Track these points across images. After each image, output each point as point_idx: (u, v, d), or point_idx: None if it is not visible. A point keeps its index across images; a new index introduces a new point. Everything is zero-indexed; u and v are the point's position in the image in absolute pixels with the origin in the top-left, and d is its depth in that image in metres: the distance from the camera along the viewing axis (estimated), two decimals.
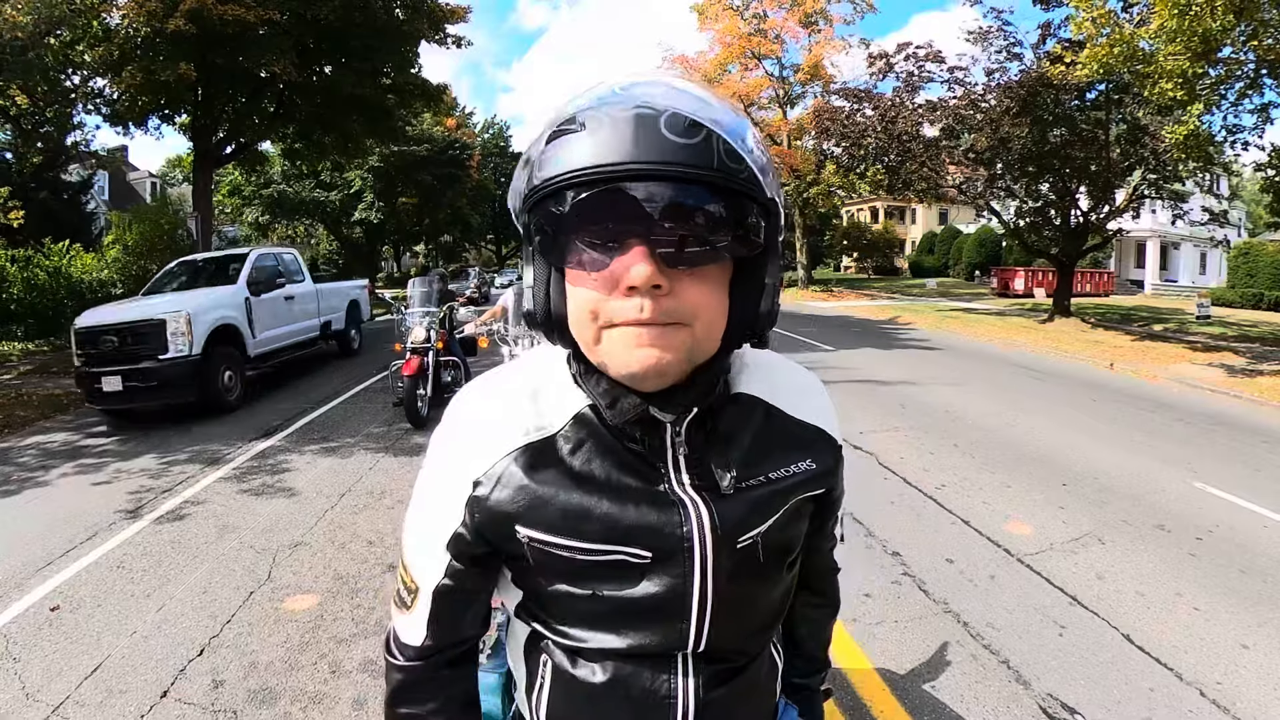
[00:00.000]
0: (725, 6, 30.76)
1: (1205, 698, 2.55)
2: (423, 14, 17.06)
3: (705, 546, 0.72)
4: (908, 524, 4.17)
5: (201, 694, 2.59)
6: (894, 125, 17.76)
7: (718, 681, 0.79)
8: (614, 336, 0.64)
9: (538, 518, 0.71)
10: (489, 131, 50.72)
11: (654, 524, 0.72)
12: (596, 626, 0.75)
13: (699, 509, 0.73)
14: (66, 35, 13.85)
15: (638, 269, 0.60)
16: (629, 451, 0.73)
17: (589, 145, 0.59)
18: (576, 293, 0.65)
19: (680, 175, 0.59)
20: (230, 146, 18.51)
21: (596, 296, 0.63)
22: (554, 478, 0.72)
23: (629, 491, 0.72)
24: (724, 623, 0.75)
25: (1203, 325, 16.71)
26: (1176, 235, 30.39)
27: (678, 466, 0.74)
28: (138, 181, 32.51)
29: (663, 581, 0.72)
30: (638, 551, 0.71)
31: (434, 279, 7.35)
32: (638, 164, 0.58)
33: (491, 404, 0.77)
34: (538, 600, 0.78)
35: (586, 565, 0.72)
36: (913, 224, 47.81)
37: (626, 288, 0.61)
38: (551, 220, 0.63)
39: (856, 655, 2.81)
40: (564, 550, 0.72)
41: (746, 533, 0.74)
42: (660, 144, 0.59)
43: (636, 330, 0.63)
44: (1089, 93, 15.69)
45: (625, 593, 0.73)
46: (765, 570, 0.77)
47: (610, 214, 0.60)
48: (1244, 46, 9.34)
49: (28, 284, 13.72)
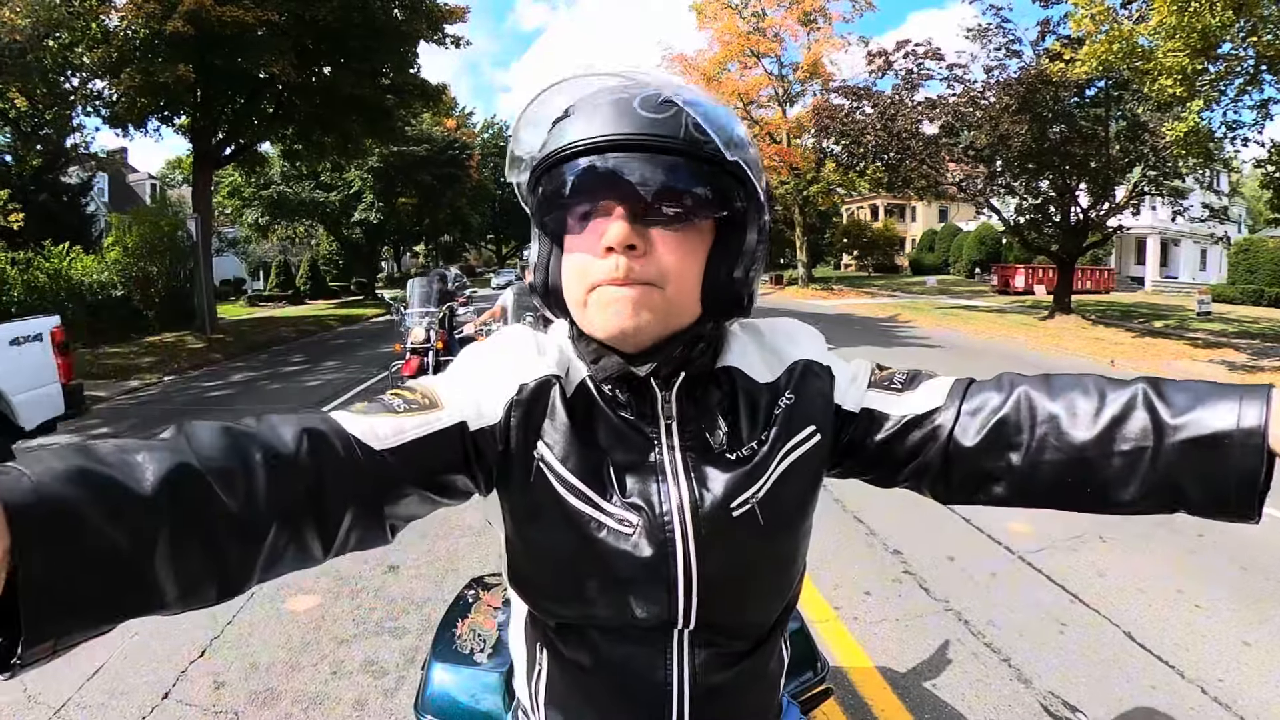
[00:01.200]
0: (724, 5, 30.73)
1: (1207, 695, 2.55)
2: (421, 14, 17.05)
3: (684, 516, 0.72)
4: (909, 522, 4.17)
5: (203, 695, 2.59)
6: (893, 123, 17.75)
7: (718, 666, 0.78)
8: (595, 298, 0.70)
9: (554, 441, 0.73)
10: (488, 131, 50.71)
11: (640, 492, 0.73)
12: (580, 593, 0.75)
13: (679, 479, 0.73)
14: (65, 37, 13.84)
15: (615, 227, 0.66)
16: (622, 420, 0.75)
17: (577, 125, 0.68)
18: (570, 259, 0.72)
19: (651, 145, 0.66)
20: (230, 148, 18.52)
21: (585, 259, 0.70)
22: (574, 421, 0.74)
23: (622, 457, 0.74)
24: (717, 596, 0.74)
25: (1203, 322, 16.71)
26: (1176, 232, 30.38)
27: (669, 433, 0.75)
28: (137, 183, 32.52)
29: (645, 550, 0.72)
30: (626, 517, 0.72)
31: (433, 279, 7.36)
32: (615, 135, 0.65)
33: (540, 336, 0.81)
34: (525, 557, 0.78)
35: (577, 514, 0.72)
36: (913, 222, 47.78)
37: (604, 248, 0.67)
38: (547, 195, 0.72)
39: (857, 653, 2.81)
40: (563, 485, 0.72)
41: (738, 498, 0.73)
42: (634, 118, 0.66)
43: (614, 291, 0.68)
44: (1088, 89, 15.68)
45: (609, 556, 0.72)
46: (768, 533, 0.75)
47: (593, 182, 0.68)
48: (1243, 43, 9.33)
49: (28, 286, 13.75)
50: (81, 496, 0.46)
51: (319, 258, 37.91)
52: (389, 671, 2.72)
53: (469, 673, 1.24)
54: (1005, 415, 0.73)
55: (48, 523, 0.44)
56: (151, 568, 0.49)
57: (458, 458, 0.71)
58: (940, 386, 0.79)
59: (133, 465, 0.50)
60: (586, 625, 0.76)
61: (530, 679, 0.84)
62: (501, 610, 1.39)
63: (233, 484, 0.54)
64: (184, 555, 0.50)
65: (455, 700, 1.21)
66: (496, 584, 1.50)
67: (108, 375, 10.42)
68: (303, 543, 0.59)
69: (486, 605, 1.43)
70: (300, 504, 0.58)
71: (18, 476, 0.44)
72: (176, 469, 0.51)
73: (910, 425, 0.78)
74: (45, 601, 0.44)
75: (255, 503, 0.55)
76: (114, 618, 0.48)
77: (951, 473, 0.76)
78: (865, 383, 0.83)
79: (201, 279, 15.58)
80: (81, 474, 0.47)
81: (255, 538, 0.55)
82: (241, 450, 0.56)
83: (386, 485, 0.66)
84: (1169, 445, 0.65)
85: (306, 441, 0.60)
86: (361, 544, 0.66)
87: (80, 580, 0.45)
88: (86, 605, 0.46)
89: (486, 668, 1.25)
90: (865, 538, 3.97)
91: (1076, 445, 0.69)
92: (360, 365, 11.06)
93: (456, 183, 35.62)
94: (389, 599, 3.32)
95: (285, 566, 0.59)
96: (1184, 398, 0.66)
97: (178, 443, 0.54)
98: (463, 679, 1.23)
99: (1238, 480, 0.62)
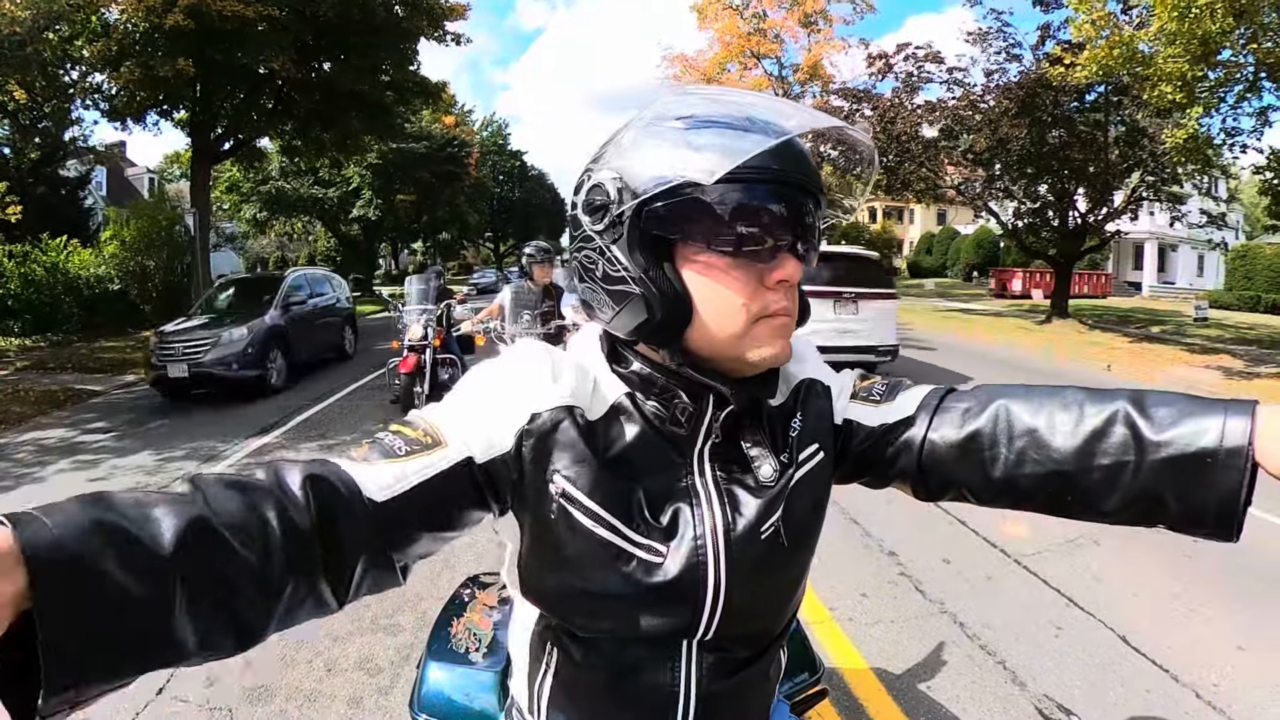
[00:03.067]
0: (725, 6, 30.74)
1: (1201, 699, 2.55)
2: (422, 11, 17.00)
3: (718, 540, 0.72)
4: (904, 524, 4.17)
5: (197, 691, 2.59)
6: (893, 125, 17.74)
7: (725, 671, 0.78)
8: (765, 327, 0.70)
9: (576, 474, 0.71)
10: (488, 129, 50.64)
11: (673, 517, 0.73)
12: (601, 612, 0.74)
13: (713, 503, 0.73)
14: (65, 30, 13.79)
15: (793, 265, 0.69)
16: (663, 441, 0.74)
17: (785, 154, 0.66)
18: (722, 282, 0.69)
19: (817, 191, 0.70)
20: (228, 143, 18.45)
21: (750, 288, 0.69)
22: (596, 451, 0.72)
23: (653, 482, 0.73)
24: (738, 612, 0.75)
25: (1200, 328, 16.75)
26: (1174, 237, 30.45)
27: (701, 457, 0.75)
28: (135, 177, 32.40)
29: (674, 574, 0.72)
30: (655, 546, 0.72)
31: (431, 276, 7.35)
32: (804, 176, 0.68)
33: (557, 358, 0.76)
34: (543, 577, 0.77)
35: (602, 544, 0.71)
36: (911, 224, 47.83)
37: (777, 280, 0.68)
38: (699, 209, 0.67)
39: (852, 655, 2.81)
40: (588, 516, 0.70)
41: (766, 520, 0.74)
42: (806, 161, 0.69)
43: (782, 321, 0.71)
44: (1088, 94, 15.71)
45: (636, 582, 0.72)
46: (790, 551, 0.77)
47: (792, 216, 0.68)
48: (1243, 49, 9.35)
49: (25, 279, 13.70)
50: (103, 550, 0.46)
51: (317, 254, 37.86)
52: (383, 669, 2.72)
53: (464, 672, 1.24)
54: (979, 428, 0.74)
55: (70, 574, 0.44)
56: (170, 621, 0.49)
57: (467, 492, 0.70)
58: (915, 397, 0.81)
59: (152, 520, 0.50)
60: (602, 634, 0.76)
61: (533, 681, 0.84)
62: (497, 609, 1.39)
63: (249, 540, 0.54)
64: (202, 609, 0.51)
65: (450, 699, 1.21)
66: (492, 583, 1.50)
67: (104, 369, 10.39)
68: (318, 595, 0.60)
69: (482, 604, 1.43)
70: (314, 558, 0.59)
71: (40, 526, 0.45)
72: (193, 524, 0.51)
73: (885, 435, 0.80)
74: (66, 653, 0.44)
75: (271, 558, 0.55)
76: (133, 669, 0.48)
77: (928, 480, 0.79)
78: (849, 394, 0.84)
79: (199, 274, 15.54)
80: (102, 527, 0.47)
81: (272, 592, 0.56)
82: (255, 506, 0.56)
83: (393, 533, 0.65)
84: (1150, 462, 0.65)
85: (315, 495, 0.60)
86: (375, 588, 0.66)
87: (101, 632, 0.46)
88: (106, 657, 0.46)
89: (482, 667, 1.24)
90: (861, 539, 3.97)
91: (1055, 459, 0.70)
92: (357, 362, 11.03)
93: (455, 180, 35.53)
94: (383, 596, 3.30)
95: (303, 617, 0.60)
96: (1166, 413, 0.66)
97: (194, 498, 0.54)
98: (458, 678, 1.23)
99: (1218, 499, 0.62)
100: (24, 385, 9.00)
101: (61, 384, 9.05)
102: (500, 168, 49.38)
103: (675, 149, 0.66)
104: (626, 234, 0.68)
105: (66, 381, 9.36)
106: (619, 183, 0.68)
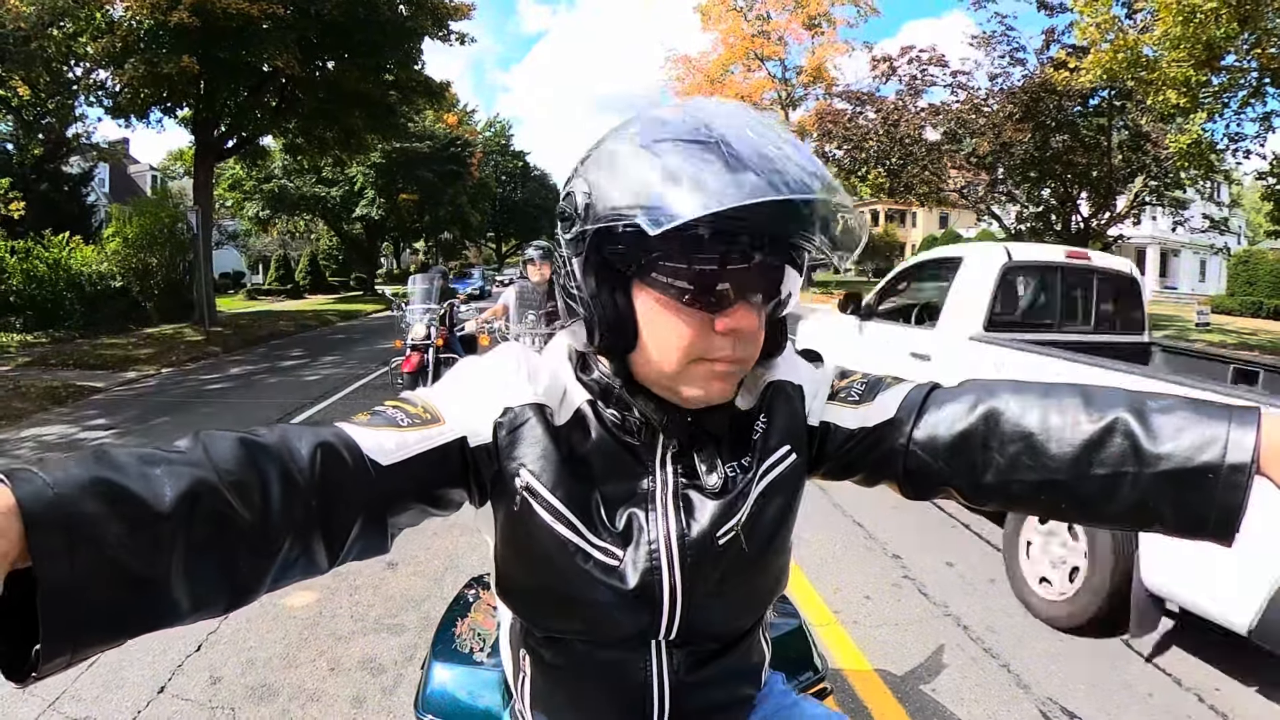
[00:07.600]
0: (729, 8, 30.78)
1: (1204, 704, 2.55)
2: (426, 10, 17.00)
3: (671, 545, 0.73)
4: (908, 527, 4.16)
5: (199, 690, 2.58)
6: (896, 128, 17.75)
7: (698, 664, 0.79)
8: (699, 371, 0.68)
9: (541, 469, 0.72)
10: (491, 130, 50.67)
11: (629, 522, 0.74)
12: (565, 611, 0.76)
13: (668, 510, 0.74)
14: (69, 26, 13.79)
15: (748, 317, 0.65)
16: (621, 446, 0.75)
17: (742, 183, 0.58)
18: (668, 325, 0.67)
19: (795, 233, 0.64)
20: (232, 140, 18.45)
21: (692, 331, 0.66)
22: (560, 451, 0.73)
23: (612, 487, 0.74)
24: (701, 613, 0.76)
25: (1202, 333, 16.73)
26: (1177, 242, 30.44)
27: (663, 464, 0.75)
28: (138, 174, 32.45)
29: (632, 579, 0.73)
30: (612, 550, 0.73)
31: (435, 276, 7.35)
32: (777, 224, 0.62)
33: (534, 360, 0.78)
34: (512, 572, 0.79)
35: (562, 542, 0.72)
36: (913, 228, 47.82)
37: (729, 328, 0.65)
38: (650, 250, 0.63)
39: (857, 657, 2.80)
40: (549, 512, 0.72)
41: (723, 526, 0.74)
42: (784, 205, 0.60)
43: (721, 368, 0.68)
44: (1092, 99, 15.70)
45: (595, 583, 0.73)
46: (752, 555, 0.77)
47: (733, 264, 0.64)
48: (1247, 55, 9.35)
49: (27, 276, 13.71)
50: (102, 507, 0.46)
51: (319, 252, 37.85)
52: (387, 669, 2.71)
53: (469, 671, 1.24)
54: (969, 430, 0.71)
55: (69, 532, 0.44)
56: (168, 579, 0.49)
57: (457, 472, 0.72)
58: (897, 396, 0.77)
59: (152, 478, 0.50)
60: (570, 635, 0.78)
61: (516, 682, 0.86)
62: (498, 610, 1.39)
63: (249, 498, 0.54)
64: (200, 568, 0.51)
65: (455, 699, 1.21)
66: None
67: (105, 366, 10.39)
68: (311, 554, 0.60)
69: (486, 604, 1.43)
70: (313, 517, 0.59)
71: (41, 484, 0.44)
72: (195, 483, 0.51)
73: (866, 439, 0.78)
74: (64, 610, 0.44)
75: (271, 516, 0.55)
76: (130, 628, 0.48)
77: (914, 481, 0.76)
78: (826, 395, 0.82)
79: (201, 271, 15.54)
80: (102, 484, 0.47)
81: (269, 551, 0.56)
82: (258, 464, 0.56)
83: (392, 498, 0.67)
84: (1149, 474, 0.63)
85: (321, 455, 0.60)
86: (364, 554, 0.66)
87: (98, 590, 0.45)
88: (104, 615, 0.46)
89: (486, 666, 1.24)
90: (865, 542, 3.97)
91: (1050, 468, 0.67)
92: (359, 361, 11.04)
93: (458, 180, 35.55)
94: (387, 596, 3.31)
95: (293, 577, 0.60)
96: (1167, 422, 0.63)
97: (195, 455, 0.54)
98: (463, 678, 1.23)
99: (1219, 510, 0.61)
100: (25, 381, 8.99)
101: (63, 380, 9.04)
102: (503, 168, 49.35)
103: (638, 182, 0.61)
104: (586, 253, 0.67)
105: (68, 378, 9.36)
106: (588, 198, 0.65)
